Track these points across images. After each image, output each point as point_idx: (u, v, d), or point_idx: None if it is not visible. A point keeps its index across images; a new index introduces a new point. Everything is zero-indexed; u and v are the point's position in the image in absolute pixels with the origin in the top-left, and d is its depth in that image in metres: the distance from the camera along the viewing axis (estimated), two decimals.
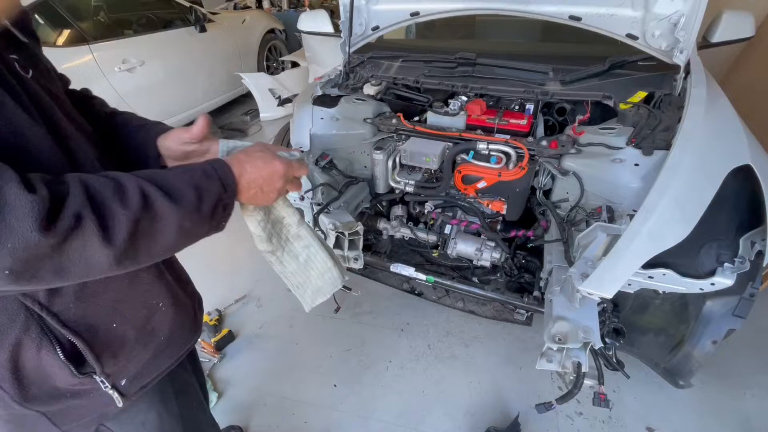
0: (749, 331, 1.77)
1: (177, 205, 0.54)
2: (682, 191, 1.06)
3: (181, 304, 0.80)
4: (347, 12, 1.83)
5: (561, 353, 1.10)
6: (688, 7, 1.37)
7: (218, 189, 0.59)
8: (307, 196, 1.61)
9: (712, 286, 1.10)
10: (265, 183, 0.66)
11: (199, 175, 0.58)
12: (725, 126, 1.25)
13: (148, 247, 0.54)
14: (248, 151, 0.67)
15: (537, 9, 1.60)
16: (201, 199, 0.57)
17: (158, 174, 0.56)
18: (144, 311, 0.71)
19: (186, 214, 0.56)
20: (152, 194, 0.53)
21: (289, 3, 6.29)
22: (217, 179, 0.60)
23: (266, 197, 0.68)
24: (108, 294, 0.64)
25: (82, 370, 0.64)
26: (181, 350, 0.83)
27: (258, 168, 0.65)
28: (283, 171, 0.67)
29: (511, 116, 1.58)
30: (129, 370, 0.71)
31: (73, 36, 2.96)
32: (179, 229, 0.56)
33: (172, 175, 0.57)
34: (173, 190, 0.55)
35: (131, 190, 0.52)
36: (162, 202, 0.53)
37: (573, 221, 1.41)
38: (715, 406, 1.62)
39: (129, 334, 0.69)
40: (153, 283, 0.73)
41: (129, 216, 0.50)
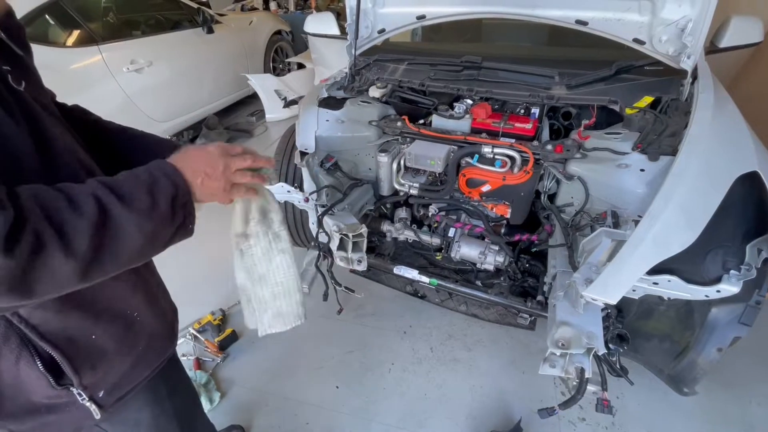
0: (755, 339, 1.75)
1: (131, 207, 0.55)
2: (688, 197, 1.05)
3: (158, 315, 0.81)
4: (354, 15, 1.83)
5: (564, 358, 1.10)
6: (696, 12, 1.37)
7: (169, 187, 0.60)
8: (311, 197, 1.61)
9: (718, 293, 1.09)
10: (206, 165, 0.66)
11: (146, 177, 0.59)
12: (733, 132, 1.24)
13: (112, 254, 0.54)
14: (186, 150, 0.68)
15: (544, 13, 1.61)
16: (155, 199, 0.58)
17: (106, 180, 0.56)
18: (123, 322, 0.72)
19: (143, 216, 0.56)
20: (105, 199, 0.53)
21: (296, 5, 6.32)
22: (164, 176, 0.60)
23: (217, 183, 0.67)
24: (87, 306, 0.65)
25: (61, 381, 0.64)
26: (159, 359, 0.83)
27: (194, 156, 0.66)
28: (218, 151, 0.68)
29: (516, 120, 1.58)
30: (107, 381, 0.72)
31: (83, 36, 2.99)
32: (141, 233, 0.56)
33: (121, 179, 0.57)
34: (125, 194, 0.55)
35: (84, 197, 0.52)
36: (116, 206, 0.53)
37: (577, 226, 1.41)
38: (720, 415, 1.61)
39: (108, 345, 0.69)
40: (131, 295, 0.74)
41: (86, 224, 0.50)
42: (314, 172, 1.69)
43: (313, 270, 1.68)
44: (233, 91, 4.47)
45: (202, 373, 1.78)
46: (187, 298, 2.19)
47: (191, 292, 2.26)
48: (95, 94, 2.99)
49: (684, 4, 1.38)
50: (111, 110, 3.07)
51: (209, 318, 2.04)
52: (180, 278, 2.34)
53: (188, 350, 1.92)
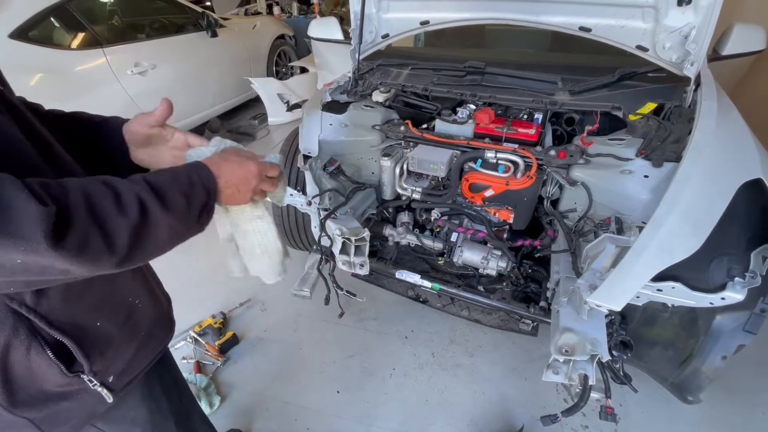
0: (759, 346, 1.74)
1: (170, 211, 0.58)
2: (692, 204, 1.05)
3: (156, 302, 0.85)
4: (358, 20, 1.84)
5: (568, 365, 1.09)
6: (700, 19, 1.37)
7: (203, 195, 0.64)
8: (314, 201, 1.61)
9: (723, 301, 1.08)
10: (240, 183, 0.70)
11: (186, 182, 0.62)
12: (736, 139, 1.24)
13: (144, 249, 0.58)
14: (223, 155, 0.72)
15: (547, 20, 1.61)
16: (190, 204, 0.61)
17: (149, 180, 0.59)
18: (125, 309, 0.75)
19: (177, 220, 0.60)
20: (148, 202, 0.56)
21: (299, 9, 6.37)
22: (202, 185, 0.64)
23: (242, 197, 0.73)
24: (91, 295, 0.67)
25: (72, 369, 0.67)
26: (160, 345, 0.87)
27: (233, 170, 0.69)
28: (256, 171, 0.72)
29: (519, 125, 1.59)
30: (116, 366, 0.74)
31: (88, 39, 3.01)
32: (171, 233, 0.60)
33: (162, 182, 0.60)
34: (166, 198, 0.58)
35: (129, 198, 0.54)
36: (156, 210, 0.57)
37: (581, 232, 1.40)
38: (724, 423, 1.60)
39: (113, 331, 0.72)
40: (131, 283, 0.77)
41: (129, 224, 0.54)
42: (317, 176, 1.69)
43: (315, 273, 1.68)
44: (236, 95, 4.50)
45: (203, 377, 1.77)
46: (188, 301, 2.20)
47: (192, 295, 2.26)
48: (99, 96, 3.01)
49: (687, 12, 1.38)
50: (114, 112, 2.97)
51: (210, 321, 2.03)
52: (181, 281, 2.35)
53: (188, 353, 1.92)
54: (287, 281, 1.67)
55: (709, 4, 1.33)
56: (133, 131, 0.79)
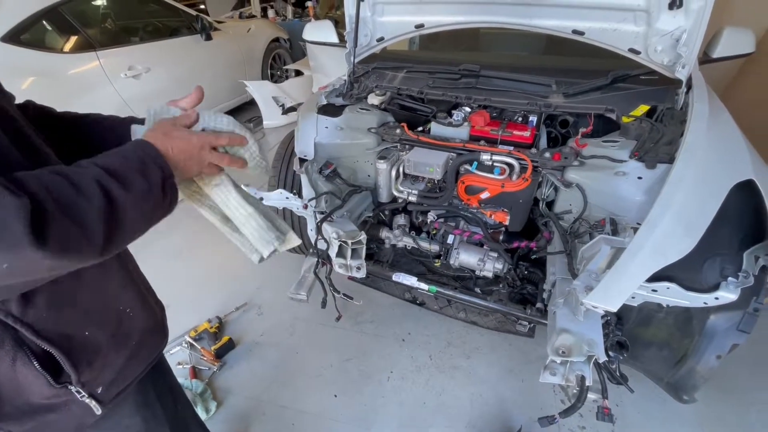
0: (753, 346, 1.76)
1: (132, 191, 0.57)
2: (686, 205, 1.06)
3: (148, 310, 0.83)
4: (353, 23, 1.85)
5: (564, 366, 1.10)
6: (690, 23, 1.39)
7: (158, 171, 0.62)
8: (310, 204, 1.61)
9: (716, 301, 1.09)
10: (185, 157, 0.69)
11: (137, 161, 0.61)
12: (728, 141, 1.26)
13: (121, 232, 0.57)
14: (164, 130, 0.69)
15: (541, 23, 1.63)
16: (149, 182, 0.60)
17: (102, 165, 0.57)
18: (114, 318, 0.74)
19: (143, 199, 0.59)
20: (107, 184, 0.55)
21: (294, 13, 6.36)
22: (153, 162, 0.63)
23: (190, 170, 0.71)
24: (79, 303, 0.66)
25: (59, 380, 0.65)
26: (153, 354, 0.85)
27: (176, 144, 0.68)
28: (198, 143, 0.71)
29: (514, 128, 1.59)
30: (104, 376, 0.73)
31: (81, 42, 2.99)
32: (141, 212, 0.60)
33: (115, 164, 0.58)
34: (123, 178, 0.57)
35: (88, 184, 0.53)
36: (119, 192, 0.56)
37: (576, 233, 1.41)
38: (719, 422, 1.61)
39: (102, 340, 0.71)
40: (121, 291, 0.76)
41: (98, 210, 0.53)
42: (313, 179, 1.69)
43: (311, 277, 1.67)
44: (231, 98, 4.49)
45: (198, 382, 1.76)
46: (183, 305, 2.18)
47: (187, 299, 2.24)
48: (92, 99, 2.99)
49: (678, 15, 1.40)
50: None
51: (205, 326, 2.02)
52: (176, 286, 2.33)
53: (184, 359, 1.90)
54: (284, 285, 1.67)
55: (700, 7, 1.35)
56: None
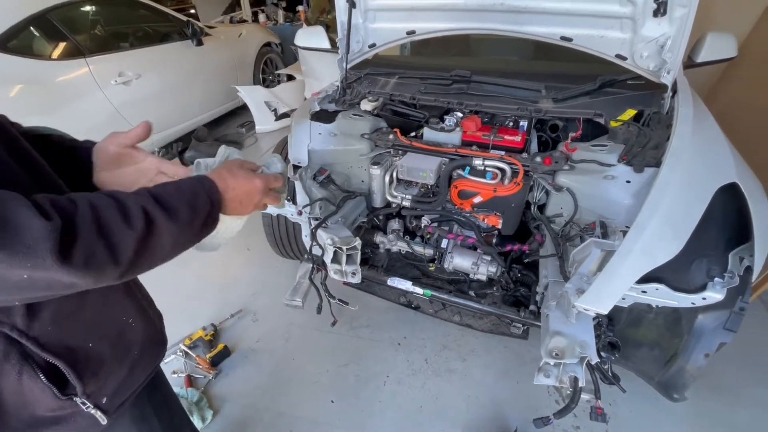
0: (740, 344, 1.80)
1: (175, 222, 0.59)
2: (672, 209, 1.09)
3: (148, 320, 0.84)
4: (345, 30, 1.86)
5: (558, 368, 1.11)
6: (674, 29, 1.42)
7: (208, 206, 0.64)
8: (304, 210, 1.62)
9: (704, 301, 1.12)
10: (244, 197, 0.71)
11: (190, 193, 0.63)
12: (712, 144, 1.29)
13: (146, 260, 0.58)
14: (230, 168, 0.71)
15: (530, 30, 1.65)
16: (195, 215, 0.62)
17: (154, 193, 0.59)
18: (116, 328, 0.75)
19: (181, 230, 0.60)
20: (153, 213, 0.56)
21: (285, 17, 6.37)
22: (207, 197, 0.64)
23: (245, 210, 0.73)
24: (82, 315, 0.67)
25: (65, 392, 0.66)
26: (153, 364, 0.86)
27: (240, 184, 0.70)
28: (262, 187, 0.73)
29: (505, 133, 1.62)
30: (108, 387, 0.73)
31: (69, 49, 2.97)
32: (174, 243, 0.61)
33: (167, 193, 0.60)
34: (171, 208, 0.58)
35: (134, 210, 0.55)
36: (162, 221, 0.57)
37: (567, 236, 1.44)
38: (710, 419, 1.64)
39: (105, 351, 0.71)
40: (122, 301, 0.77)
41: (135, 237, 0.54)
42: (307, 186, 1.69)
43: (306, 283, 1.67)
44: (223, 103, 4.47)
45: (194, 391, 1.75)
46: (178, 313, 2.17)
47: (182, 307, 2.23)
48: (82, 106, 2.96)
49: (663, 22, 1.44)
50: (98, 123, 3.04)
51: (200, 333, 2.01)
52: (170, 294, 2.31)
53: (179, 367, 1.89)
54: (279, 291, 1.67)
55: (683, 15, 1.39)
56: (104, 149, 0.76)
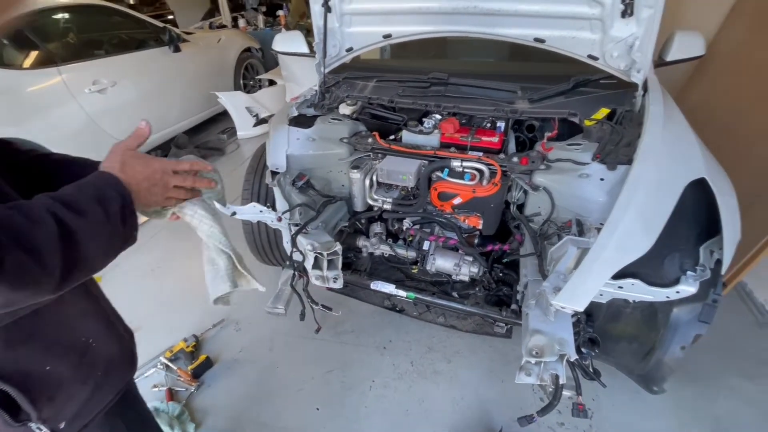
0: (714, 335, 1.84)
1: (86, 218, 0.57)
2: (644, 205, 1.11)
3: (114, 338, 0.82)
4: (321, 34, 1.86)
5: (539, 366, 1.12)
6: (642, 30, 1.46)
7: (117, 197, 0.63)
8: (284, 217, 1.60)
9: (678, 294, 1.14)
10: (148, 183, 0.70)
11: (93, 190, 0.61)
12: (681, 141, 1.32)
13: (79, 265, 0.56)
14: (122, 159, 0.69)
15: (503, 32, 1.67)
16: (106, 210, 0.60)
17: (56, 195, 0.58)
18: (77, 349, 0.72)
19: (100, 226, 0.59)
20: (62, 214, 0.55)
21: (265, 22, 6.33)
22: (111, 189, 0.63)
23: (156, 196, 0.73)
24: (38, 338, 0.65)
25: (18, 418, 0.64)
26: (120, 383, 0.84)
27: (136, 170, 0.69)
28: (160, 167, 0.73)
29: (483, 134, 1.63)
30: (67, 411, 0.71)
31: (41, 58, 2.89)
32: (99, 243, 0.59)
33: (67, 193, 0.59)
34: (76, 207, 0.57)
35: (40, 214, 0.53)
36: (72, 219, 0.55)
37: (545, 235, 1.45)
38: (690, 410, 1.67)
39: (65, 373, 0.69)
40: (82, 321, 0.75)
41: (52, 241, 0.52)
42: (286, 192, 1.67)
43: (288, 290, 1.65)
44: (203, 110, 4.41)
45: (175, 405, 1.70)
46: (158, 325, 2.11)
47: (161, 319, 2.18)
48: (55, 116, 2.88)
49: (631, 23, 1.47)
50: (73, 132, 2.96)
51: (181, 345, 1.96)
52: (148, 305, 2.25)
53: (160, 381, 1.84)
54: (262, 299, 1.65)
55: (650, 15, 1.42)
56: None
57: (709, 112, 2.59)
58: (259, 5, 6.89)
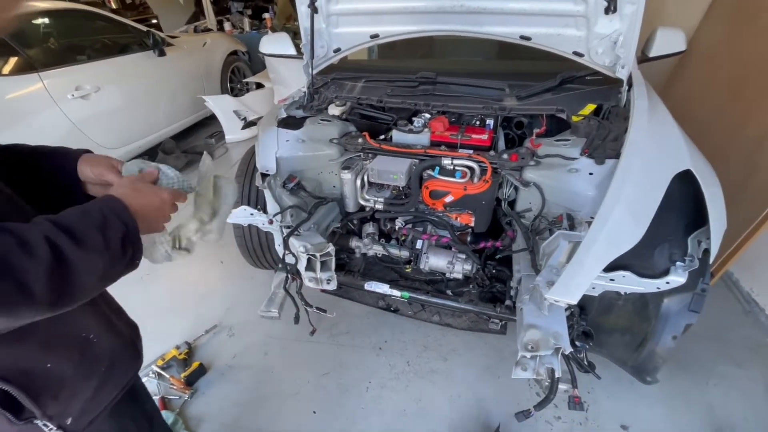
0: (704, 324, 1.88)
1: (84, 248, 0.56)
2: (632, 197, 1.12)
3: (115, 333, 0.82)
4: (308, 35, 1.85)
5: (535, 361, 1.13)
6: (625, 26, 1.48)
7: (120, 226, 0.62)
8: (275, 219, 1.58)
9: (668, 285, 1.16)
10: (156, 213, 0.71)
11: (97, 216, 0.60)
12: (666, 134, 1.34)
13: (70, 292, 0.55)
14: (134, 185, 0.71)
15: (490, 30, 1.69)
16: (107, 238, 0.59)
17: (56, 219, 0.57)
18: (78, 345, 0.72)
19: (96, 255, 0.57)
20: (57, 240, 0.53)
21: (251, 25, 6.28)
22: (116, 217, 0.62)
23: (157, 225, 0.74)
24: (34, 336, 0.64)
25: (21, 416, 0.63)
26: (126, 377, 0.84)
27: (150, 201, 0.70)
28: (170, 199, 0.74)
29: (472, 132, 1.64)
30: (73, 407, 0.71)
31: (20, 64, 2.82)
32: (94, 272, 0.58)
33: (70, 219, 0.58)
34: (76, 234, 0.56)
35: (36, 239, 0.52)
36: (69, 248, 0.54)
37: (537, 230, 1.46)
38: (682, 399, 1.70)
39: (66, 371, 0.69)
40: (80, 317, 0.74)
41: (41, 268, 0.51)
42: (277, 194, 1.66)
43: (282, 293, 1.64)
44: (190, 114, 4.36)
45: (169, 413, 1.67)
46: (148, 333, 2.03)
47: (153, 326, 2.12)
48: (37, 123, 2.82)
49: (614, 20, 1.50)
50: (56, 139, 2.89)
51: (174, 353, 1.93)
52: (139, 313, 2.18)
53: (152, 389, 1.80)
54: (255, 303, 1.63)
55: (632, 11, 1.44)
56: (83, 172, 0.78)
57: (692, 105, 2.64)
58: (245, 8, 6.84)
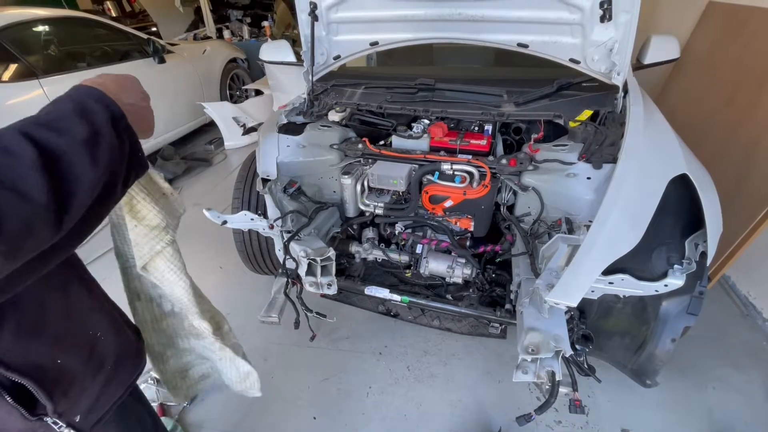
0: (703, 327, 1.89)
1: (72, 138, 0.48)
2: (630, 201, 1.14)
3: (121, 333, 0.82)
4: (308, 43, 1.87)
5: (535, 364, 1.13)
6: (620, 34, 1.51)
7: (103, 110, 0.54)
8: (276, 224, 1.59)
9: (666, 288, 1.17)
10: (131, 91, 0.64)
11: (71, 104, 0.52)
12: (662, 139, 1.37)
13: (73, 188, 0.48)
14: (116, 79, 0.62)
15: (488, 38, 1.71)
16: (93, 124, 0.51)
17: (30, 118, 0.49)
18: (86, 343, 0.72)
19: (90, 145, 0.50)
20: (39, 135, 0.46)
21: (250, 33, 6.34)
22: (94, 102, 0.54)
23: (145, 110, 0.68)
24: (45, 330, 0.64)
25: (34, 412, 0.63)
26: (130, 378, 0.84)
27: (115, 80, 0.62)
28: (135, 78, 0.67)
29: (471, 137, 1.66)
30: (81, 404, 0.71)
31: (21, 70, 2.84)
32: (92, 160, 0.50)
33: (45, 111, 0.51)
34: (54, 125, 0.48)
35: (14, 140, 0.44)
36: (52, 139, 0.47)
37: (536, 234, 1.48)
38: (682, 402, 1.70)
39: (76, 367, 0.69)
40: (89, 315, 0.74)
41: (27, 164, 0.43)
42: (277, 199, 1.67)
43: (282, 298, 1.64)
44: (189, 121, 4.38)
45: (168, 420, 1.67)
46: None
47: None
48: None
49: (609, 27, 1.52)
50: None
51: None
52: None
53: (151, 396, 1.79)
54: (255, 309, 1.63)
55: (627, 20, 1.47)
56: None
57: (687, 111, 2.68)
58: (244, 16, 6.90)
